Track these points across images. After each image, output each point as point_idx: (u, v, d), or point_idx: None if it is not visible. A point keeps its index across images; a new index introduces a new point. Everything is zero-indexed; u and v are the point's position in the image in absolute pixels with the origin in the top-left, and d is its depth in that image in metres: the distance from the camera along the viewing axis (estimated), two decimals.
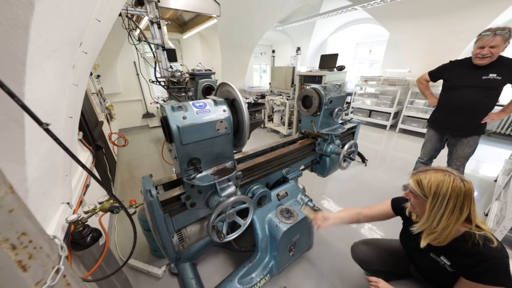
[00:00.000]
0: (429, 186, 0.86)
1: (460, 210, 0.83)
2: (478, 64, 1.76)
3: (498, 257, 0.80)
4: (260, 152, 1.49)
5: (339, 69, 3.85)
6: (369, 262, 1.32)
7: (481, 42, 1.70)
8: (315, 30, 6.38)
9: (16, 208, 0.43)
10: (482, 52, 1.70)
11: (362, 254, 1.35)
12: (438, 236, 0.89)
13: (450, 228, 0.86)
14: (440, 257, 0.95)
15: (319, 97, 1.49)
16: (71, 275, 0.56)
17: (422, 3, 3.79)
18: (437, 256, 0.97)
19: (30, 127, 0.70)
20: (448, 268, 0.93)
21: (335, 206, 2.42)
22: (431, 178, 0.86)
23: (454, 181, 0.82)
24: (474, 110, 1.89)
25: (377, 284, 1.02)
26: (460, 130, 1.98)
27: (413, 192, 0.94)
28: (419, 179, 0.90)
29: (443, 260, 0.94)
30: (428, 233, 0.92)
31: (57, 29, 0.73)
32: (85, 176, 1.58)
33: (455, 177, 0.84)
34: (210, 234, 1.00)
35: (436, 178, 0.86)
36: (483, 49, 1.70)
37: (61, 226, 1.03)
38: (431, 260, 0.99)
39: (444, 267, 0.94)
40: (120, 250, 1.85)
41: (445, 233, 0.87)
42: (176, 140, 0.85)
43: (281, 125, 4.88)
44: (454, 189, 0.82)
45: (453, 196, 0.82)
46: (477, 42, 1.74)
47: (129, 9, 2.21)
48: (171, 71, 2.70)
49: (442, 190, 0.83)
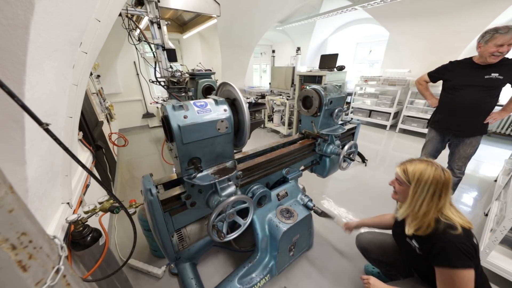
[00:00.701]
0: (413, 173, 0.96)
1: (439, 197, 0.92)
2: (491, 62, 1.73)
3: (451, 241, 0.88)
4: (260, 152, 1.49)
5: (339, 69, 3.85)
6: (371, 251, 1.38)
7: (501, 39, 1.62)
8: (315, 30, 6.38)
9: (16, 208, 0.43)
10: (500, 50, 1.64)
11: (366, 242, 1.42)
12: (421, 222, 0.96)
13: (431, 215, 0.94)
14: (412, 241, 1.05)
15: (320, 98, 1.49)
16: (71, 275, 0.55)
17: (422, 3, 3.79)
18: (410, 240, 1.06)
19: (30, 127, 0.70)
20: (417, 251, 1.02)
21: (335, 206, 2.42)
22: (416, 167, 0.97)
23: (435, 170, 0.92)
24: (477, 110, 1.89)
25: (368, 280, 1.07)
26: (463, 130, 1.98)
27: (398, 179, 1.04)
28: (405, 167, 1.00)
29: (414, 243, 1.04)
30: (412, 219, 1.00)
31: (57, 29, 0.73)
32: (85, 176, 1.58)
33: (436, 167, 0.94)
34: (210, 233, 1.00)
35: (420, 166, 0.96)
36: (501, 47, 1.63)
37: (61, 226, 1.03)
38: (408, 245, 1.08)
39: (414, 249, 1.04)
40: (120, 250, 1.85)
41: (426, 220, 0.94)
42: (177, 139, 0.85)
43: (281, 125, 4.88)
44: (435, 177, 0.91)
45: (434, 183, 0.91)
46: (491, 39, 1.66)
47: (129, 9, 2.21)
48: (171, 71, 2.69)
49: (424, 177, 0.93)
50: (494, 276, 1.50)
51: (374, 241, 1.40)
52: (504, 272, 1.44)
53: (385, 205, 2.36)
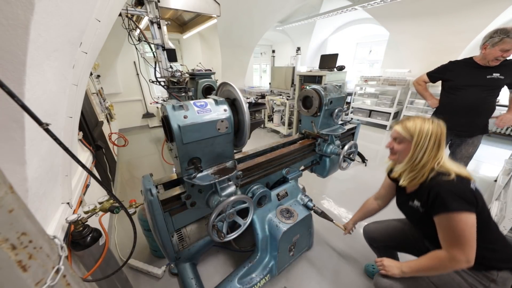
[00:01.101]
0: (414, 127, 0.99)
1: (438, 148, 0.97)
2: (493, 65, 1.73)
3: (444, 186, 0.91)
4: (260, 152, 1.49)
5: (339, 69, 3.85)
6: (378, 238, 1.42)
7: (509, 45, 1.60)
8: (315, 30, 6.38)
9: (16, 208, 0.43)
10: (505, 55, 1.64)
11: (372, 231, 1.45)
12: (417, 174, 1.00)
13: (429, 165, 0.98)
14: (414, 201, 1.06)
15: (320, 98, 1.49)
16: (71, 275, 0.55)
17: (422, 3, 3.79)
18: (412, 202, 1.07)
19: (30, 127, 0.70)
20: (420, 210, 1.02)
21: (335, 206, 2.42)
22: (414, 122, 1.01)
23: (433, 123, 0.98)
24: (479, 110, 1.88)
25: (382, 262, 1.09)
26: (466, 130, 1.97)
27: (398, 138, 1.06)
28: (405, 125, 1.03)
29: (416, 203, 1.05)
30: (409, 171, 1.03)
31: (57, 29, 0.73)
32: (85, 176, 1.58)
33: (432, 121, 0.99)
34: (210, 233, 1.00)
35: (418, 121, 1.00)
36: (507, 52, 1.63)
37: (61, 226, 1.03)
38: (411, 209, 1.08)
39: (417, 210, 1.04)
40: (120, 250, 1.85)
41: (423, 171, 0.98)
42: (177, 139, 0.85)
43: (281, 125, 4.88)
44: (434, 129, 0.97)
45: (433, 135, 0.96)
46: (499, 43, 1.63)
47: (129, 9, 2.21)
48: (171, 71, 2.69)
49: (424, 129, 0.97)
50: None
51: (378, 228, 1.43)
52: None
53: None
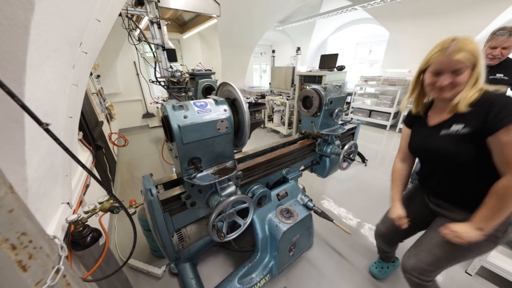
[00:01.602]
0: (474, 48, 0.85)
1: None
2: (490, 64, 1.72)
3: (506, 97, 0.82)
4: (260, 152, 1.49)
5: (339, 69, 3.85)
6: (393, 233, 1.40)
7: (495, 42, 1.62)
8: (315, 30, 6.38)
9: (16, 208, 0.43)
10: (493, 53, 1.64)
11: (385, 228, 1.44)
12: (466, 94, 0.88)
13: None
14: (451, 127, 0.93)
15: (320, 98, 1.49)
16: (71, 275, 0.56)
17: (422, 3, 3.79)
18: (448, 129, 0.94)
19: (30, 127, 0.70)
20: (463, 132, 0.89)
21: (335, 206, 2.42)
22: (471, 43, 0.85)
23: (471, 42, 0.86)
24: None
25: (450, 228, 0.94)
26: None
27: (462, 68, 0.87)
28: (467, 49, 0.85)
29: (455, 128, 0.91)
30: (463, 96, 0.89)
31: (57, 29, 0.73)
32: (85, 176, 1.58)
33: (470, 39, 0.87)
34: (210, 233, 1.00)
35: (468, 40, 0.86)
36: (495, 49, 1.63)
37: (61, 226, 1.03)
38: (444, 139, 0.95)
39: (455, 136, 0.91)
40: (120, 250, 1.85)
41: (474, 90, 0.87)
42: (177, 139, 0.85)
43: (281, 125, 4.88)
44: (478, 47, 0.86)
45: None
46: (489, 41, 1.66)
47: (129, 9, 2.21)
48: (171, 71, 2.70)
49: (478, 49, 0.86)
50: (494, 276, 1.50)
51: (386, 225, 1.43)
52: (504, 272, 1.44)
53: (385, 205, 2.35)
